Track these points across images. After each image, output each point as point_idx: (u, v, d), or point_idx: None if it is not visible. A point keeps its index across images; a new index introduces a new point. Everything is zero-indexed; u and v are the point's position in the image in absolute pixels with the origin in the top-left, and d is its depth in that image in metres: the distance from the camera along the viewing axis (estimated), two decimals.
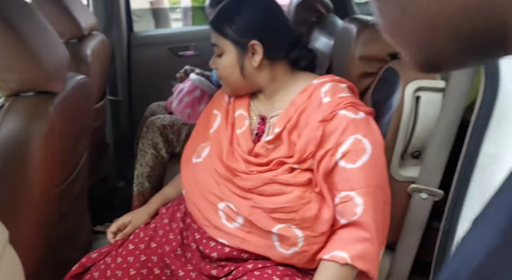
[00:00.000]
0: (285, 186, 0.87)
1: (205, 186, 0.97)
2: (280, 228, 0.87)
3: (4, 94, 0.89)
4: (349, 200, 0.84)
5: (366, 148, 0.84)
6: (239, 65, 0.94)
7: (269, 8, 0.96)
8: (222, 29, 0.94)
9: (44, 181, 0.89)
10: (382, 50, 0.99)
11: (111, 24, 1.93)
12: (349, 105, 0.86)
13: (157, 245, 1.00)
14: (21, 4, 0.91)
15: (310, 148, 0.86)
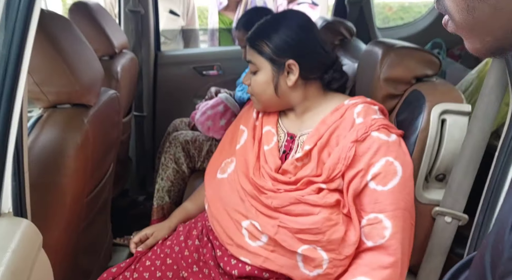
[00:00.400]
0: (313, 207, 0.86)
1: (230, 203, 0.97)
2: (305, 249, 0.86)
3: (43, 105, 0.94)
4: (377, 223, 0.83)
5: (397, 171, 0.84)
6: (274, 83, 0.96)
7: (307, 28, 0.97)
8: (259, 47, 0.95)
9: (75, 190, 0.92)
10: (408, 72, 1.00)
11: (140, 44, 2.01)
12: (382, 127, 0.86)
13: (172, 261, 1.00)
14: (63, 22, 0.97)
15: (339, 167, 0.86)
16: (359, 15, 2.04)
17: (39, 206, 0.82)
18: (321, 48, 0.97)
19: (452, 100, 0.91)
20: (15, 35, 0.57)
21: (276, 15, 1.03)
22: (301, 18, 0.98)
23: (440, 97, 0.91)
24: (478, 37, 0.34)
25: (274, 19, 0.99)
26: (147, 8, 1.98)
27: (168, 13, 2.41)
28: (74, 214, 0.96)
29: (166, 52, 2.22)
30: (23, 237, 0.60)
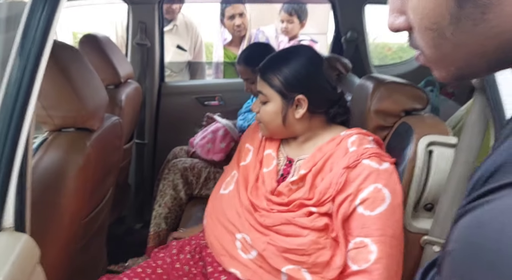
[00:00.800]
0: (302, 229, 0.90)
1: (227, 216, 1.03)
2: (290, 268, 0.88)
3: (49, 129, 0.99)
4: (363, 246, 0.85)
5: (385, 198, 0.87)
6: (282, 114, 1.01)
7: (317, 64, 1.02)
8: (270, 80, 1.00)
9: (74, 210, 0.95)
10: (396, 106, 1.05)
11: (145, 74, 2.10)
12: (373, 156, 0.90)
13: (163, 271, 1.03)
14: (73, 52, 1.04)
15: (330, 192, 0.89)
16: (355, 52, 2.14)
17: (38, 223, 0.85)
18: (328, 84, 1.03)
19: (439, 133, 0.95)
20: (29, 62, 0.63)
21: (288, 49, 1.10)
22: (312, 54, 1.04)
23: (428, 130, 0.95)
24: (444, 67, 0.40)
25: (286, 54, 1.05)
26: (154, 42, 2.08)
27: (175, 48, 2.52)
28: (71, 234, 0.98)
29: (170, 83, 2.31)
30: (23, 250, 0.63)
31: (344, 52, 2.12)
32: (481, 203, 0.30)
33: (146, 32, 2.03)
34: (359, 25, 2.12)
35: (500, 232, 0.27)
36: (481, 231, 0.29)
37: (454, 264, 0.31)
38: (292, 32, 2.40)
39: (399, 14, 0.41)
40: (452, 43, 0.37)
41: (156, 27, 2.06)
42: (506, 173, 0.30)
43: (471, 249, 0.29)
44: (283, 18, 2.38)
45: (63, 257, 0.98)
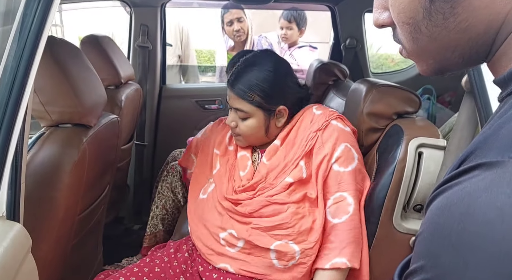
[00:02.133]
0: (282, 205, 0.96)
1: (209, 219, 1.06)
2: (277, 244, 0.95)
3: (46, 124, 1.01)
4: (342, 200, 0.96)
5: (354, 156, 0.98)
6: (265, 126, 1.05)
7: (286, 70, 1.06)
8: (249, 97, 1.01)
9: (68, 205, 0.96)
10: (388, 108, 1.06)
11: (147, 77, 2.12)
12: (339, 118, 1.01)
13: (160, 270, 1.05)
14: (72, 49, 1.07)
15: (299, 152, 0.99)
16: (354, 59, 2.15)
17: (32, 217, 0.86)
18: (298, 86, 1.10)
19: (429, 135, 0.96)
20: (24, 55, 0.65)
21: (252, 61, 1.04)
22: (276, 60, 1.05)
23: (418, 132, 0.97)
24: (424, 60, 0.43)
25: (253, 67, 1.02)
26: (155, 44, 2.11)
27: None
28: (65, 229, 1.00)
29: (171, 86, 2.33)
30: (14, 238, 0.64)
31: (343, 59, 2.14)
32: (451, 185, 0.31)
33: (148, 35, 2.06)
34: (358, 32, 2.14)
35: (465, 213, 0.28)
36: (447, 212, 0.29)
37: (421, 246, 0.32)
38: (291, 39, 2.42)
39: (382, 10, 0.44)
40: (427, 36, 0.39)
41: (158, 30, 2.09)
42: (476, 156, 0.31)
43: (437, 230, 0.30)
44: (282, 25, 2.41)
45: (57, 252, 0.99)
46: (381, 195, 0.96)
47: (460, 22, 0.36)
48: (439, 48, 0.39)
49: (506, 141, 0.29)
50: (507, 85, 0.36)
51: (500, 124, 0.31)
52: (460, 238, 0.27)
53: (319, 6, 2.21)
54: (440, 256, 0.29)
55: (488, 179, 0.28)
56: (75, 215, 1.06)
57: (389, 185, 0.95)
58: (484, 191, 0.27)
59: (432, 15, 0.37)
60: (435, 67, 0.42)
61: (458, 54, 0.39)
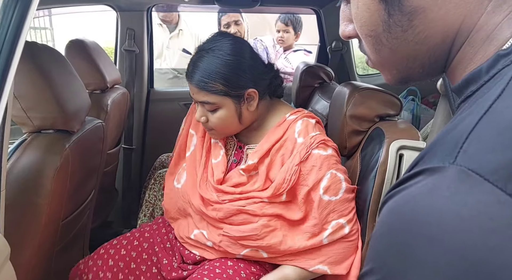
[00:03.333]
0: (252, 216, 0.96)
1: (183, 212, 1.11)
2: (247, 251, 0.98)
3: (28, 130, 1.01)
4: (340, 227, 0.96)
5: (341, 180, 0.96)
6: (237, 114, 0.98)
7: (244, 51, 0.97)
8: (213, 88, 0.93)
9: (51, 212, 0.96)
10: (370, 111, 1.08)
11: (134, 80, 2.12)
12: (320, 144, 0.97)
13: (149, 235, 1.15)
14: (53, 54, 1.06)
15: (284, 187, 0.95)
16: (340, 62, 2.17)
17: (13, 223, 0.86)
18: (264, 66, 1.03)
19: (410, 138, 0.98)
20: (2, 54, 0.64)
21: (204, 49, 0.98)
22: (231, 44, 0.96)
23: (398, 135, 0.98)
24: (388, 70, 0.45)
25: (208, 54, 0.96)
26: (142, 48, 2.10)
27: (181, 51, 2.65)
28: (48, 235, 0.99)
29: (158, 89, 2.33)
30: None
31: (330, 61, 2.16)
32: (400, 189, 0.32)
33: (134, 39, 2.06)
34: None
35: (409, 215, 0.29)
36: (394, 215, 0.31)
37: (371, 248, 0.33)
38: (287, 42, 2.44)
39: (348, 22, 0.45)
40: (388, 48, 0.41)
41: (145, 34, 2.09)
42: (425, 160, 0.33)
43: (385, 233, 0.31)
44: (279, 27, 2.42)
45: (40, 258, 0.99)
46: (367, 199, 0.97)
47: (418, 33, 0.38)
48: (400, 58, 0.41)
49: (448, 146, 0.30)
50: (461, 93, 0.38)
51: (448, 130, 0.33)
52: (404, 239, 0.29)
53: (305, 10, 2.23)
54: (387, 258, 0.30)
55: (430, 184, 0.29)
56: (59, 220, 1.06)
57: (372, 188, 0.96)
58: (426, 194, 0.29)
59: (391, 28, 0.39)
60: (399, 77, 0.44)
61: (419, 64, 0.41)
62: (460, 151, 0.29)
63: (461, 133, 0.30)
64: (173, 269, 1.07)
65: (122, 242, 1.13)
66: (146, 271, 1.08)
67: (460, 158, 0.29)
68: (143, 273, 1.08)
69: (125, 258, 1.09)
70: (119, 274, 1.07)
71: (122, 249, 1.11)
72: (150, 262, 1.10)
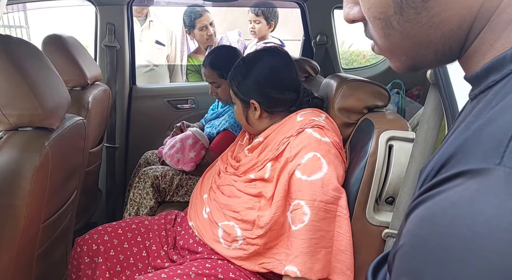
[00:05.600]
0: (238, 191, 1.07)
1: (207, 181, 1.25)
2: (225, 224, 1.05)
3: (4, 128, 0.95)
4: (299, 208, 0.94)
5: (322, 167, 0.94)
6: (244, 115, 1.18)
7: (271, 72, 1.12)
8: (232, 86, 1.18)
9: (30, 214, 0.91)
10: (359, 103, 1.07)
11: (115, 77, 2.06)
12: (317, 127, 0.99)
13: (149, 222, 1.26)
14: (30, 48, 1.01)
15: (269, 155, 1.03)
16: (325, 56, 2.17)
17: None
18: (280, 90, 1.11)
19: (399, 128, 0.97)
20: None
21: (250, 58, 1.18)
22: (265, 65, 1.13)
23: (388, 125, 0.97)
24: (396, 57, 0.41)
25: (243, 64, 1.17)
26: (123, 44, 2.05)
27: (154, 43, 2.64)
28: (28, 238, 0.95)
29: (141, 86, 2.28)
30: None
31: (314, 55, 2.15)
32: (433, 194, 0.29)
33: (115, 34, 2.00)
34: (328, 29, 2.15)
35: (450, 226, 0.26)
36: (430, 224, 0.28)
37: (403, 260, 0.30)
38: (260, 33, 2.42)
39: (353, 4, 0.42)
40: (399, 32, 0.38)
41: (126, 29, 2.03)
42: (458, 162, 0.29)
43: (420, 244, 0.28)
44: (250, 18, 2.40)
45: (20, 263, 0.94)
46: (354, 189, 0.96)
47: (432, 16, 0.35)
48: (412, 44, 0.38)
49: (489, 145, 0.27)
50: (479, 83, 0.35)
51: (481, 126, 0.30)
52: (447, 253, 0.25)
53: (289, 3, 2.21)
54: (425, 273, 0.27)
55: (472, 189, 0.26)
56: (39, 222, 1.01)
57: (361, 178, 0.95)
58: (470, 202, 0.25)
59: (403, 10, 0.36)
60: (408, 64, 0.41)
61: (432, 50, 0.38)
62: (507, 150, 0.25)
63: (504, 130, 0.27)
64: (159, 256, 1.18)
65: (121, 223, 1.24)
66: (137, 253, 1.18)
67: (507, 158, 0.25)
68: (133, 254, 1.18)
69: (120, 237, 1.19)
70: (111, 250, 1.17)
71: (119, 229, 1.22)
72: (142, 245, 1.20)
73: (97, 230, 1.21)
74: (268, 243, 0.99)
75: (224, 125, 1.72)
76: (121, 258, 1.17)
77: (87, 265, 1.17)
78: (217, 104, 1.99)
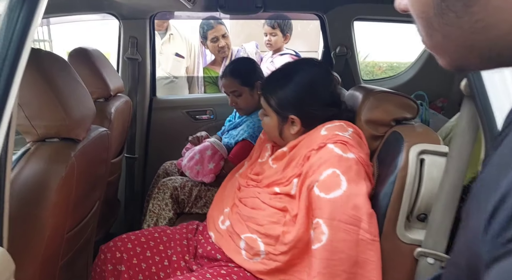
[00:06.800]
0: (262, 203, 1.03)
1: (226, 197, 1.21)
2: (248, 236, 1.02)
3: (32, 139, 0.96)
4: (318, 227, 0.90)
5: (341, 184, 0.91)
6: (278, 129, 1.12)
7: (311, 87, 1.07)
8: (268, 99, 1.11)
9: (55, 224, 0.91)
10: (386, 115, 1.04)
11: (136, 88, 2.08)
12: (340, 142, 0.95)
13: (171, 232, 1.24)
14: (58, 60, 1.02)
15: (294, 171, 0.99)
16: (345, 67, 2.15)
17: (16, 238, 0.81)
18: (322, 106, 1.07)
19: (430, 142, 0.94)
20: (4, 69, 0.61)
21: (288, 69, 1.14)
22: (308, 77, 1.08)
23: (418, 139, 0.94)
24: (442, 56, 0.40)
25: (282, 75, 1.12)
26: (145, 56, 2.08)
27: (174, 56, 2.69)
28: (52, 249, 0.94)
29: (161, 98, 2.29)
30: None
31: (334, 66, 2.13)
32: None
33: (137, 47, 2.03)
34: (348, 40, 2.13)
35: None
36: None
37: None
38: (276, 45, 2.42)
39: None
40: (441, 34, 0.36)
41: (148, 42, 2.06)
42: None
43: None
44: (266, 31, 2.40)
45: (44, 274, 0.93)
46: (383, 204, 0.93)
47: (476, 22, 0.33)
48: (454, 46, 0.37)
49: None
50: None
51: None
52: None
53: (308, 15, 2.21)
54: None
55: None
56: (63, 234, 1.01)
57: (391, 193, 0.92)
58: None
59: (443, 13, 0.34)
60: (453, 64, 0.40)
61: (476, 54, 0.36)
62: None
63: None
64: (179, 267, 1.16)
65: (144, 232, 1.23)
66: (159, 262, 1.17)
67: None
68: (155, 263, 1.16)
69: (143, 245, 1.18)
70: (133, 258, 1.15)
71: (142, 237, 1.20)
72: (164, 254, 1.18)
73: (121, 237, 1.21)
74: (291, 260, 0.95)
75: (242, 135, 1.71)
76: (144, 267, 1.16)
77: (110, 272, 1.16)
78: (234, 115, 1.99)
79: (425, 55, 2.26)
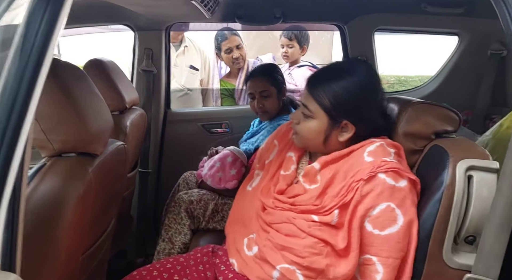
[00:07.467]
0: (300, 231, 0.90)
1: (246, 216, 1.07)
2: (284, 267, 0.89)
3: (47, 154, 0.90)
4: (371, 264, 0.85)
5: (397, 219, 0.84)
6: (325, 134, 0.95)
7: (371, 90, 0.96)
8: (319, 97, 0.93)
9: (71, 245, 0.85)
10: (426, 128, 0.97)
11: (151, 101, 2.04)
12: (391, 171, 0.87)
13: (184, 259, 1.12)
14: (76, 72, 0.97)
15: (335, 200, 0.88)
16: None
17: (30, 260, 0.74)
18: (380, 114, 0.97)
19: (477, 157, 0.86)
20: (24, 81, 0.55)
21: (343, 65, 1.01)
22: (367, 74, 0.96)
23: (464, 153, 0.86)
24: None
25: (340, 70, 0.96)
26: (160, 68, 2.04)
27: (188, 68, 2.65)
28: (68, 271, 0.87)
29: (175, 110, 2.25)
30: None
31: None
32: None
33: (152, 59, 1.99)
34: (368, 51, 2.08)
35: None
36: None
37: None
38: (293, 57, 2.37)
39: None
40: None
41: (163, 54, 2.03)
42: None
43: None
44: (283, 43, 2.37)
45: None
46: (427, 226, 0.85)
47: None
48: None
49: None
50: None
51: None
52: None
53: (327, 26, 2.16)
54: None
55: None
56: (79, 255, 0.95)
57: (436, 213, 0.84)
58: None
59: None
60: None
61: None
62: None
63: None
64: None
65: (155, 265, 1.11)
66: None
67: None
68: None
69: (157, 279, 1.06)
70: None
71: (155, 271, 1.07)
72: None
73: (132, 275, 1.09)
74: None
75: (262, 140, 1.67)
76: None
77: None
78: (252, 126, 1.93)
79: (449, 66, 2.18)
